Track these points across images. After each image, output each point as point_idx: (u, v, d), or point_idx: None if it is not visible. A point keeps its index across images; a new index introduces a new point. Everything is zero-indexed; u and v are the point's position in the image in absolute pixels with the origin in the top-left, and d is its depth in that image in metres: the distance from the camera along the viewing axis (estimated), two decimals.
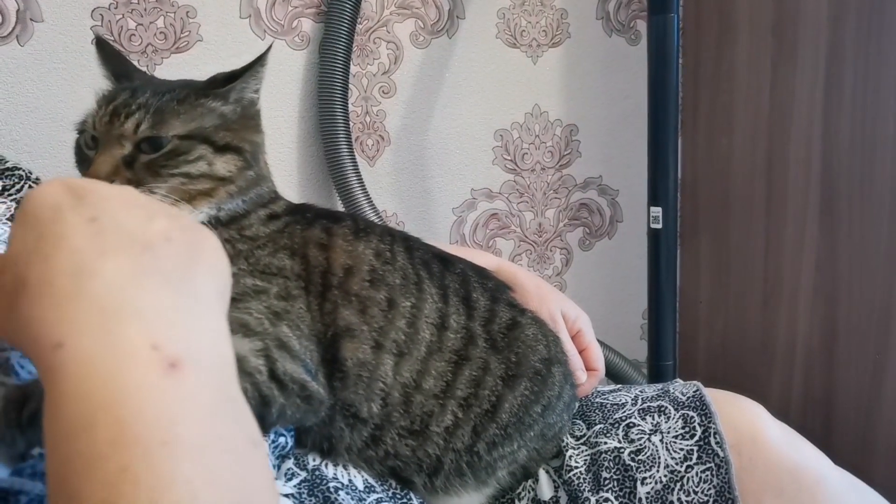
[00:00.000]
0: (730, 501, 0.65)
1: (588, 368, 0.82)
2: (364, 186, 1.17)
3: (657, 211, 1.21)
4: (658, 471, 0.68)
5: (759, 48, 1.33)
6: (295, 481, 0.60)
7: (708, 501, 0.66)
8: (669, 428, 0.70)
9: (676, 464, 0.68)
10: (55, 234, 0.36)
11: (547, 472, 0.72)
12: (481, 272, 0.74)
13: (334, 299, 0.63)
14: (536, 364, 0.70)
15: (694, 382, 0.75)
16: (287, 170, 1.22)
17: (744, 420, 0.70)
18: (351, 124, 1.20)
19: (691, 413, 0.70)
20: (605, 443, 0.71)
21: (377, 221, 1.11)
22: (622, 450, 0.70)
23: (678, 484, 0.67)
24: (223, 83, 0.63)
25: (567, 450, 0.72)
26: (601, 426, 0.73)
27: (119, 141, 0.58)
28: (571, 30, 1.39)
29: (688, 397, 0.72)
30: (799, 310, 1.32)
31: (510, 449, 0.68)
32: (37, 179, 0.63)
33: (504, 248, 1.44)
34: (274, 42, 1.17)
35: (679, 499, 0.66)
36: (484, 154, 1.38)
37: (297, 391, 0.57)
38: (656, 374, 1.27)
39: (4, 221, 0.57)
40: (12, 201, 0.59)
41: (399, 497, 0.65)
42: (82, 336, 0.33)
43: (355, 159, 1.18)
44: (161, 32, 1.10)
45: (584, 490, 0.69)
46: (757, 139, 1.35)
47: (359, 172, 1.17)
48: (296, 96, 1.21)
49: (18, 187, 0.61)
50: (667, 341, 1.26)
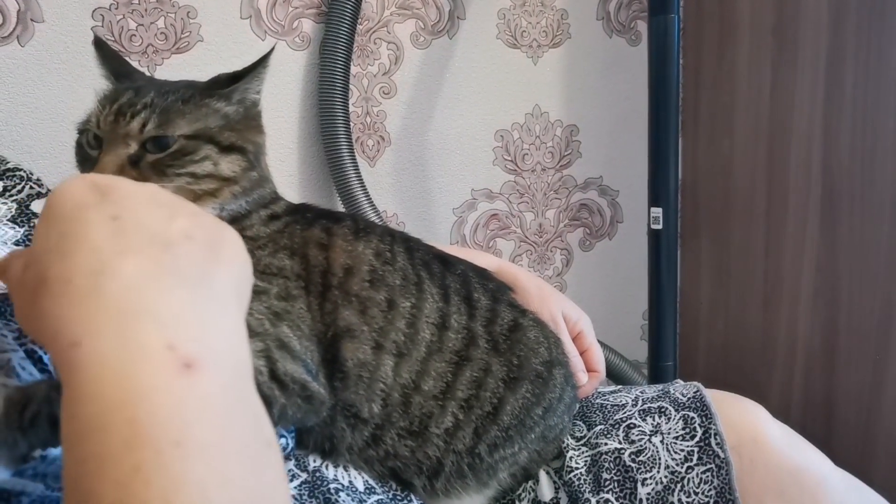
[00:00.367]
0: (730, 502, 0.65)
1: (589, 370, 0.83)
2: (364, 187, 1.17)
3: (658, 211, 1.21)
4: (658, 472, 0.68)
5: (760, 49, 1.33)
6: (296, 483, 0.60)
7: (708, 502, 0.66)
8: (670, 429, 0.70)
9: (677, 465, 0.68)
10: (76, 233, 0.36)
11: (547, 474, 0.72)
12: (482, 273, 0.74)
13: (334, 299, 0.63)
14: (538, 366, 0.70)
15: (694, 383, 0.75)
16: (288, 170, 1.22)
17: (744, 421, 0.69)
18: (351, 125, 1.20)
19: (692, 414, 0.70)
20: (606, 444, 0.71)
21: (377, 222, 1.11)
22: (623, 451, 0.70)
23: (679, 485, 0.67)
24: (226, 84, 0.63)
25: (568, 451, 0.72)
26: (602, 427, 0.73)
27: (125, 140, 0.58)
28: (572, 30, 1.39)
29: (688, 398, 0.72)
30: (799, 311, 1.32)
31: (511, 451, 0.68)
32: (38, 180, 0.63)
33: (504, 249, 1.44)
34: (276, 43, 1.17)
35: (679, 500, 0.66)
36: (484, 154, 1.38)
37: (298, 391, 0.57)
38: (656, 375, 1.27)
39: (5, 223, 0.57)
40: (13, 202, 0.59)
41: (399, 499, 0.65)
42: (98, 336, 0.33)
43: (356, 160, 1.18)
44: (162, 33, 1.10)
45: (585, 491, 0.69)
46: (757, 140, 1.35)
47: (359, 173, 1.17)
48: (296, 97, 1.21)
49: (20, 188, 0.61)
50: (667, 342, 1.26)
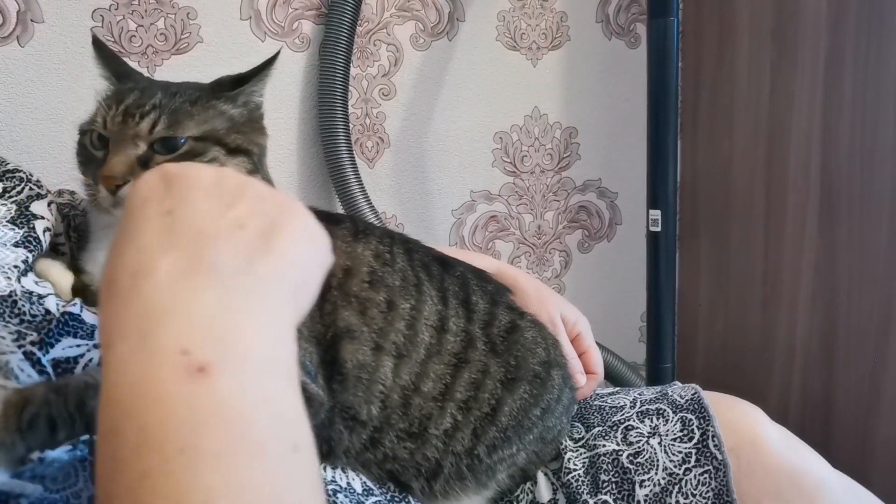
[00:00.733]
0: None
1: (587, 372, 0.83)
2: (364, 188, 1.17)
3: (656, 214, 1.21)
4: (656, 473, 0.68)
5: (759, 51, 1.33)
6: None
7: None
8: (668, 431, 0.70)
9: (675, 466, 0.68)
10: (131, 230, 0.37)
11: (545, 475, 0.72)
12: (481, 275, 0.74)
13: (334, 300, 0.63)
14: (536, 367, 0.70)
15: (692, 385, 0.75)
16: (287, 171, 1.22)
17: (743, 423, 0.70)
18: (351, 126, 1.20)
19: (690, 416, 0.70)
20: (604, 445, 0.71)
21: (376, 223, 1.11)
22: (620, 452, 0.70)
23: (676, 487, 0.67)
24: (231, 86, 0.63)
25: (566, 452, 0.72)
26: (600, 429, 0.73)
27: (133, 141, 0.58)
28: (571, 33, 1.39)
29: (686, 400, 0.72)
30: (798, 312, 1.32)
31: (509, 452, 0.68)
32: (38, 182, 0.63)
33: (503, 251, 1.44)
34: (281, 47, 1.17)
35: (677, 501, 0.66)
36: (483, 156, 1.38)
37: None
38: (655, 377, 1.27)
39: (4, 224, 0.57)
40: (13, 203, 0.59)
41: (397, 500, 0.65)
42: (122, 339, 0.34)
43: (355, 161, 1.18)
44: (161, 34, 1.10)
45: (583, 492, 0.69)
46: (756, 142, 1.35)
47: (358, 174, 1.17)
48: (296, 98, 1.21)
49: (19, 189, 0.61)
50: (665, 344, 1.26)
